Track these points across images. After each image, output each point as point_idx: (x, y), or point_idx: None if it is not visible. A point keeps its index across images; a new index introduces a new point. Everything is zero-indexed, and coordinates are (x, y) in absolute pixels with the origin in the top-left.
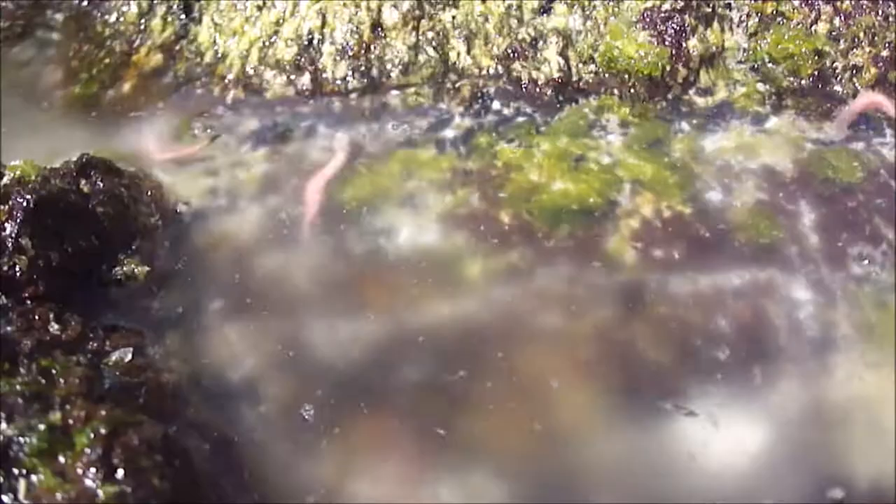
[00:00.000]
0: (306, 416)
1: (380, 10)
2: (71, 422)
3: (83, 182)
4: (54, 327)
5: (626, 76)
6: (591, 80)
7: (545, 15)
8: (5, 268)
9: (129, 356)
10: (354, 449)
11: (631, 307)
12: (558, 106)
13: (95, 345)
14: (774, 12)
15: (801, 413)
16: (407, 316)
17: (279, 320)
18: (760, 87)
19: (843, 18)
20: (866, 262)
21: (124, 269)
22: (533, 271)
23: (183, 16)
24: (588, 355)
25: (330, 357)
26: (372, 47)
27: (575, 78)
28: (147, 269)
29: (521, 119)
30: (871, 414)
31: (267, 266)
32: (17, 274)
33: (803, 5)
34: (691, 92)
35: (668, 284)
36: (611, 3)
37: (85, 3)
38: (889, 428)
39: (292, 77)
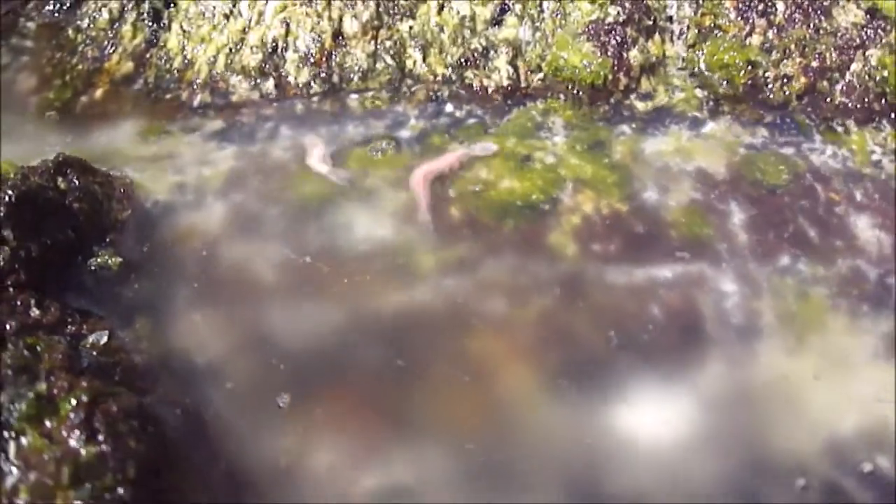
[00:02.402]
0: (268, 395)
1: (341, 20)
2: (55, 391)
3: (60, 180)
4: (35, 312)
5: (571, 84)
6: (538, 87)
7: (497, 27)
8: None
9: (105, 338)
10: (313, 424)
11: (570, 296)
12: (507, 109)
13: (73, 328)
14: (712, 25)
15: (728, 394)
16: (363, 304)
17: (242, 308)
18: (699, 92)
19: (776, 31)
20: None
21: (98, 259)
22: (480, 263)
23: (152, 23)
24: (531, 340)
25: (290, 342)
26: (333, 55)
27: (523, 84)
28: (119, 259)
29: (472, 121)
30: (790, 395)
31: (231, 258)
32: (0, 263)
33: (739, 18)
34: (632, 97)
35: (606, 275)
36: (558, 17)
37: (57, 14)
38: (806, 407)
39: (257, 82)
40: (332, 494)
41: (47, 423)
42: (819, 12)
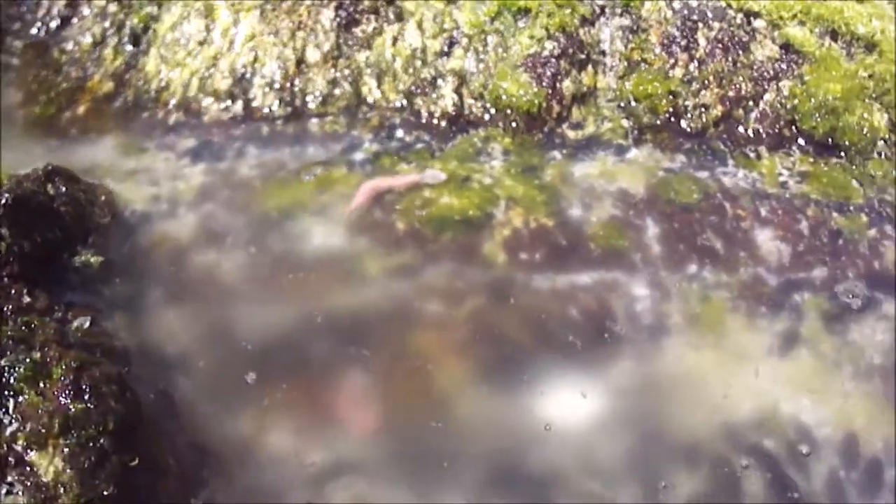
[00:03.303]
0: (230, 379)
1: (304, 49)
2: (48, 359)
3: (49, 186)
4: (27, 299)
5: (509, 111)
6: (480, 114)
7: (445, 58)
8: None
9: (88, 323)
10: (269, 407)
11: (500, 298)
12: (452, 135)
13: (60, 315)
14: (640, 59)
15: (637, 385)
16: (318, 304)
17: (209, 306)
18: (625, 122)
19: (697, 64)
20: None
21: (82, 258)
22: (421, 269)
23: (132, 46)
24: (464, 336)
25: (252, 336)
26: (296, 81)
27: (467, 112)
28: (101, 259)
29: (419, 146)
30: (693, 386)
31: (200, 262)
32: None
33: (663, 52)
34: (564, 126)
35: (532, 281)
36: (500, 50)
37: (42, 34)
38: (706, 396)
39: (227, 104)
40: (285, 465)
41: (41, 384)
42: (737, 47)
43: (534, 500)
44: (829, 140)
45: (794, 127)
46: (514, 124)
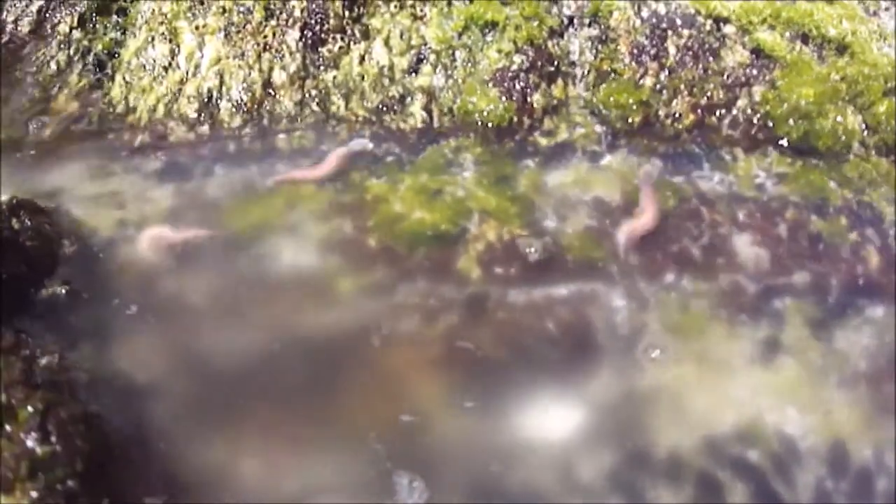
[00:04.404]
0: (201, 409)
1: (270, 71)
2: (14, 401)
3: (14, 220)
4: None
5: (479, 124)
6: (450, 127)
7: (413, 74)
8: None
9: (56, 359)
10: (242, 434)
11: (475, 314)
12: (422, 147)
13: (28, 352)
14: (609, 69)
15: (616, 398)
16: (289, 324)
17: (179, 332)
18: (598, 128)
19: (667, 73)
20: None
21: (49, 290)
22: (395, 286)
23: (97, 73)
24: (439, 354)
25: (223, 361)
26: (263, 103)
27: (437, 125)
28: (67, 289)
29: (389, 159)
30: (672, 399)
31: (169, 287)
32: None
33: (633, 62)
34: (536, 134)
35: (507, 296)
36: (468, 65)
37: (7, 59)
38: (687, 408)
39: (194, 127)
40: (260, 491)
41: (8, 427)
42: (708, 54)
43: None
44: (804, 144)
45: (768, 132)
46: (484, 136)
